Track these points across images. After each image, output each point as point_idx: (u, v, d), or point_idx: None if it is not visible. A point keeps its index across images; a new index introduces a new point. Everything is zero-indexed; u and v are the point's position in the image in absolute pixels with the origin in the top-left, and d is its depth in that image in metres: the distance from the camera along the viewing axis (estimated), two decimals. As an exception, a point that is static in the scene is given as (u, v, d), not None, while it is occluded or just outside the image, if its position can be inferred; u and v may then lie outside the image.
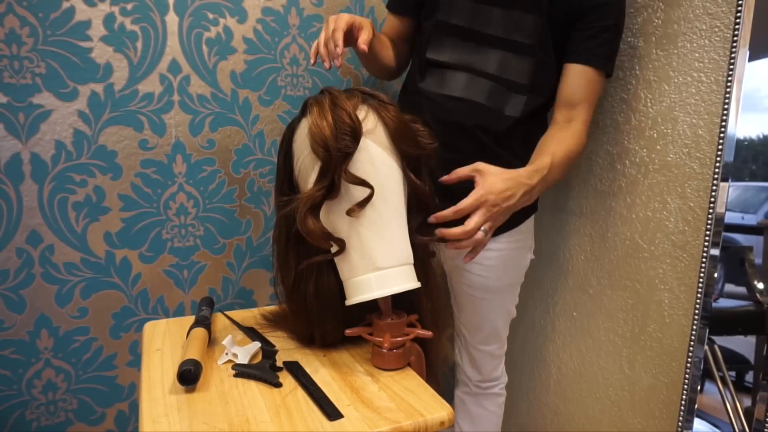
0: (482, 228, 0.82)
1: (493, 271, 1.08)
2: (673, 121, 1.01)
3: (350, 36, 0.92)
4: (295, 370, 0.80)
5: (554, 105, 1.02)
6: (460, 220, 0.83)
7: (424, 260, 0.87)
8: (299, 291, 0.85)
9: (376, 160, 0.77)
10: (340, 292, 0.82)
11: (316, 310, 0.84)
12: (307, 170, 0.78)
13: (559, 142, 0.96)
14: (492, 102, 0.98)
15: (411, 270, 0.79)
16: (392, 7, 1.16)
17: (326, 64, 0.88)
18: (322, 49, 0.88)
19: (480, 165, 0.85)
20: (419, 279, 0.80)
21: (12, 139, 1.05)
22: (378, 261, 0.76)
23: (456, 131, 0.98)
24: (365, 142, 0.77)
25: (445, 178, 0.87)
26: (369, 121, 0.78)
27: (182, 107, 1.17)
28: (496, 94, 0.98)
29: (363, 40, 0.89)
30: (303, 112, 0.84)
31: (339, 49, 0.86)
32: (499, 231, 1.05)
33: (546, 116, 1.05)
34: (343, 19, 0.89)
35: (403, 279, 0.77)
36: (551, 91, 1.01)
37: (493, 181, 0.83)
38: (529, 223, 1.10)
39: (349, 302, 0.79)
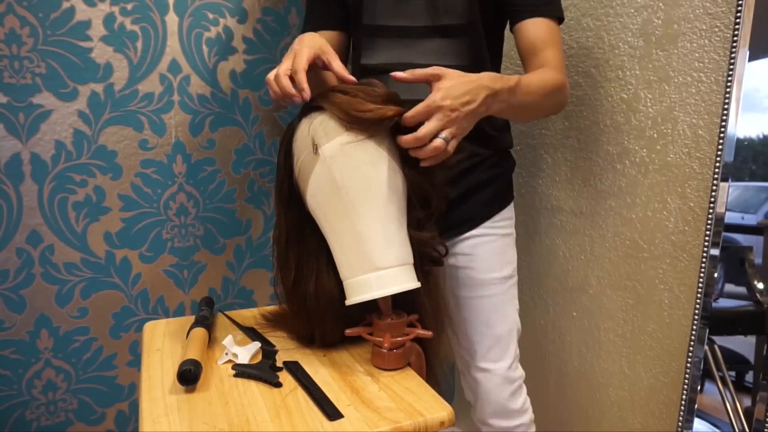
0: (441, 136, 0.76)
1: (477, 261, 1.03)
2: (673, 121, 1.01)
3: (314, 65, 0.83)
4: (295, 370, 0.80)
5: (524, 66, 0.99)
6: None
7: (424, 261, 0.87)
8: (299, 291, 0.85)
9: (377, 158, 0.77)
10: (339, 292, 0.82)
11: (315, 310, 0.84)
12: (307, 170, 0.79)
13: (530, 74, 0.92)
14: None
15: (411, 270, 0.79)
16: (317, 24, 1.04)
17: (281, 102, 0.79)
18: (276, 87, 0.78)
19: (438, 69, 0.79)
20: (419, 279, 0.80)
21: (12, 139, 1.05)
22: (378, 261, 0.76)
23: None
24: (366, 141, 0.77)
25: (399, 74, 0.78)
26: None
27: (182, 107, 1.17)
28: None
29: (340, 68, 0.81)
30: (303, 113, 0.84)
31: (305, 94, 0.76)
32: (478, 218, 1.03)
33: None
34: (304, 57, 0.79)
35: (403, 279, 0.77)
36: (489, 65, 1.00)
37: (451, 85, 0.77)
38: (510, 212, 1.07)
39: (348, 302, 0.79)
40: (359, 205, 0.76)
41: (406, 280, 0.77)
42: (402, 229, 0.80)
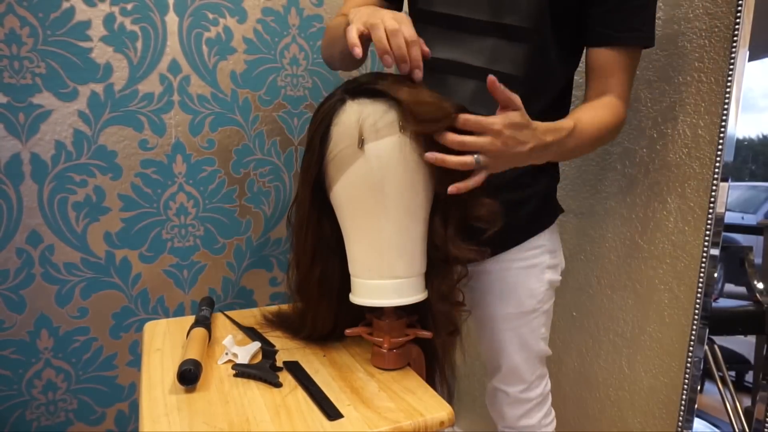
0: (477, 157, 0.71)
1: (490, 296, 0.95)
2: (673, 121, 1.01)
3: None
4: (295, 370, 0.80)
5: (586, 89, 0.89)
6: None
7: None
8: (313, 275, 0.83)
9: (417, 166, 0.74)
10: (341, 282, 0.82)
11: (316, 295, 0.84)
12: (345, 162, 0.74)
13: (588, 110, 0.84)
14: (477, 106, 0.79)
15: (423, 279, 0.79)
16: None
17: (405, 67, 0.74)
18: (385, 45, 0.71)
19: (519, 100, 0.72)
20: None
21: (12, 139, 1.05)
22: (398, 270, 0.75)
23: None
24: (404, 140, 0.73)
25: (493, 78, 0.70)
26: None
27: (182, 107, 1.17)
28: (483, 94, 0.77)
29: (426, 52, 0.77)
30: (350, 94, 0.76)
31: (419, 73, 0.74)
32: (499, 247, 0.91)
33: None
34: (409, 27, 0.73)
35: (416, 289, 0.77)
36: (548, 89, 0.90)
37: (519, 122, 0.72)
38: (541, 238, 0.94)
39: (358, 301, 0.78)
40: (392, 211, 0.74)
41: (419, 291, 0.78)
42: (424, 238, 0.79)
